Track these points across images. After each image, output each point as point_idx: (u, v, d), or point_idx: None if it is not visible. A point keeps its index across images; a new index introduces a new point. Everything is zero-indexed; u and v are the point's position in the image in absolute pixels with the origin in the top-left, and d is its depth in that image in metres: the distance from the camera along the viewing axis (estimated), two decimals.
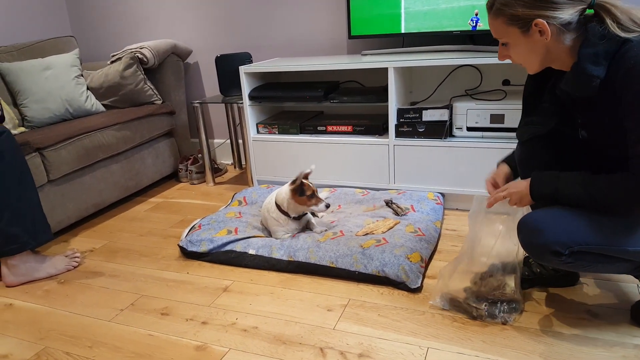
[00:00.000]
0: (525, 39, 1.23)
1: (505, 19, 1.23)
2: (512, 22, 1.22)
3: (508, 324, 1.44)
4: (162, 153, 2.95)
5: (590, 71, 1.16)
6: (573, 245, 1.22)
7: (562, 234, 1.24)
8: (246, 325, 1.56)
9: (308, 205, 1.94)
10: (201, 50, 3.16)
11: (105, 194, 2.54)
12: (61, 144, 2.28)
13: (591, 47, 1.16)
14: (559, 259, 1.24)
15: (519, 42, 1.25)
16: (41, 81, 2.62)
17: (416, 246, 1.80)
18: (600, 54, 1.15)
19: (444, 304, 1.55)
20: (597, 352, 1.31)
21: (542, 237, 1.25)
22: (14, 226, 1.86)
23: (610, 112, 1.20)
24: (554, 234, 1.24)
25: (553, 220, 1.26)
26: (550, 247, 1.23)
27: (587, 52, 1.17)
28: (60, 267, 2.00)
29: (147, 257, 2.08)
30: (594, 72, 1.16)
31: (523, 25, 1.21)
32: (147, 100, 2.89)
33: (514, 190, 1.37)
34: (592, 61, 1.16)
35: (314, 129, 2.53)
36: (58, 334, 1.59)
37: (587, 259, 1.25)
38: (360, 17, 2.49)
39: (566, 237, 1.23)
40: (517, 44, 1.26)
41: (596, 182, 1.22)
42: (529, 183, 1.32)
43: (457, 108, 2.19)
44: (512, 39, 1.25)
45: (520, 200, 1.35)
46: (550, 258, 1.25)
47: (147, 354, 1.45)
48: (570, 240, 1.22)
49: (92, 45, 3.47)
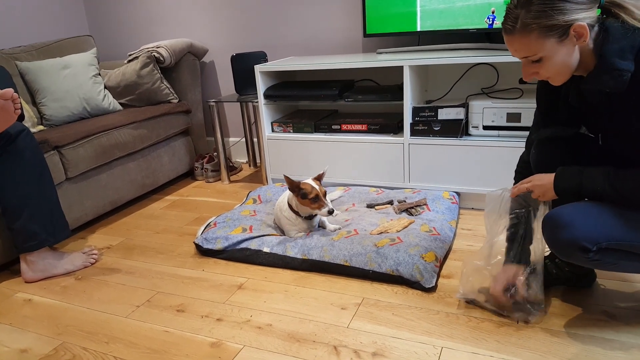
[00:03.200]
0: (562, 48, 1.16)
1: (539, 33, 1.15)
2: (548, 33, 1.14)
3: (529, 324, 1.43)
4: (178, 151, 2.98)
5: (619, 65, 1.14)
6: (602, 241, 1.18)
7: (591, 229, 1.20)
8: (260, 322, 1.57)
9: (312, 208, 1.93)
10: (217, 50, 3.18)
11: (122, 191, 2.57)
12: (79, 142, 2.31)
13: (615, 42, 1.14)
14: (585, 255, 1.20)
15: (556, 52, 1.17)
16: (59, 80, 2.66)
17: (431, 245, 1.79)
18: (625, 48, 1.13)
19: (467, 296, 1.54)
20: (613, 353, 1.30)
21: (569, 233, 1.21)
22: (33, 223, 1.89)
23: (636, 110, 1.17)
24: (581, 230, 1.20)
25: (580, 216, 1.23)
26: (577, 243, 1.19)
27: (612, 48, 1.14)
28: (77, 263, 2.03)
29: (163, 254, 2.10)
30: (624, 66, 1.13)
31: (561, 34, 1.14)
32: (163, 99, 2.92)
33: (538, 182, 1.34)
34: (619, 56, 1.13)
35: (328, 128, 2.53)
36: (75, 330, 1.61)
37: (615, 256, 1.22)
38: (375, 15, 2.48)
39: (594, 233, 1.19)
40: (554, 55, 1.18)
41: (622, 176, 1.19)
42: (553, 177, 1.30)
43: (473, 106, 2.17)
44: (549, 51, 1.17)
45: (544, 194, 1.33)
46: (576, 255, 1.21)
47: (162, 350, 1.47)
48: (599, 236, 1.19)
49: (110, 44, 3.50)
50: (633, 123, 1.20)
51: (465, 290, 1.55)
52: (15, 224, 1.88)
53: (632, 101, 1.18)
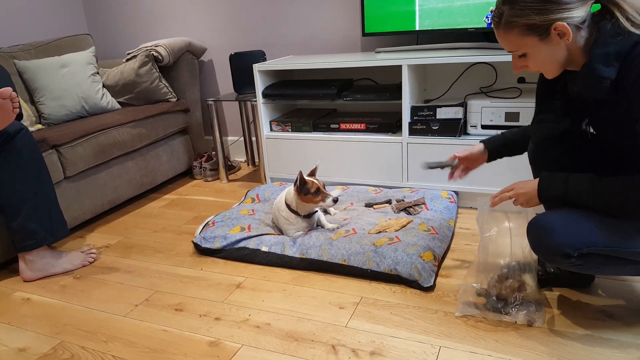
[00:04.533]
0: (545, 45, 1.18)
1: (520, 30, 1.18)
2: (529, 31, 1.17)
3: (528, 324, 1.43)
4: (176, 150, 2.98)
5: (600, 72, 1.14)
6: (582, 247, 1.21)
7: (571, 235, 1.22)
8: (259, 321, 1.57)
9: (315, 202, 1.94)
10: (216, 48, 3.18)
11: (120, 190, 2.57)
12: (77, 141, 2.31)
13: (602, 46, 1.14)
14: (568, 260, 1.23)
15: (539, 49, 1.20)
16: (58, 79, 2.66)
17: (429, 245, 1.79)
18: (611, 54, 1.13)
19: (467, 310, 1.53)
20: (611, 352, 1.30)
21: (551, 239, 1.24)
22: (31, 222, 1.89)
23: (620, 114, 1.18)
24: (563, 236, 1.23)
25: (562, 222, 1.25)
26: (559, 249, 1.22)
27: (598, 52, 1.14)
28: (76, 262, 2.03)
29: (162, 253, 2.10)
30: (604, 74, 1.14)
31: (542, 32, 1.16)
32: (162, 98, 2.91)
33: (521, 191, 1.35)
34: (603, 62, 1.14)
35: (327, 127, 2.53)
36: (74, 329, 1.61)
37: (597, 261, 1.24)
38: (374, 14, 2.48)
39: (575, 239, 1.22)
40: (537, 52, 1.21)
41: (605, 184, 1.20)
42: (536, 184, 1.31)
43: (471, 106, 2.17)
44: (531, 48, 1.20)
45: (528, 202, 1.34)
46: (559, 260, 1.24)
47: (161, 349, 1.47)
48: (579, 241, 1.21)
49: (108, 43, 3.50)
50: (616, 123, 1.22)
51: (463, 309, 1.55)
52: (14, 222, 1.88)
53: (614, 106, 1.19)
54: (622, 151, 1.26)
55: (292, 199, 1.98)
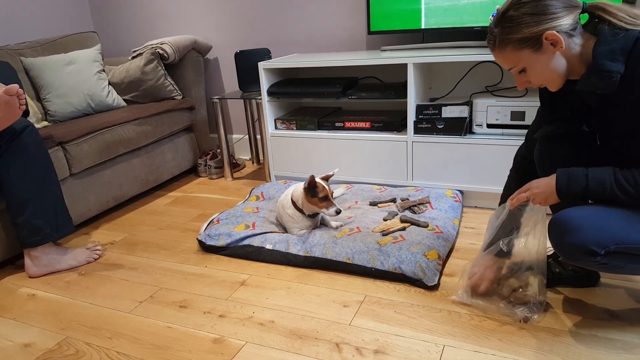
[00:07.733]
0: (540, 56, 1.21)
1: (514, 45, 1.21)
2: (521, 45, 1.20)
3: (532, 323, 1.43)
4: (181, 148, 2.98)
5: (609, 67, 1.15)
6: (609, 244, 1.17)
7: (598, 232, 1.19)
8: (263, 319, 1.57)
9: (319, 207, 1.94)
10: (221, 46, 3.18)
11: (125, 187, 2.58)
12: (83, 138, 2.31)
13: (606, 44, 1.16)
14: (593, 259, 1.19)
15: (535, 61, 1.22)
16: (64, 76, 2.67)
17: (434, 243, 1.79)
18: (616, 50, 1.15)
19: (465, 297, 1.54)
20: (616, 353, 1.29)
21: (576, 237, 1.20)
22: (37, 218, 1.90)
23: (628, 110, 1.17)
24: (589, 233, 1.19)
25: (588, 219, 1.21)
26: (585, 247, 1.18)
27: (603, 50, 1.16)
28: (81, 259, 2.03)
29: (167, 250, 2.11)
30: (613, 68, 1.15)
31: (534, 44, 1.19)
32: (167, 95, 2.92)
33: (537, 190, 1.32)
34: (609, 58, 1.15)
35: (331, 125, 2.53)
36: (79, 325, 1.62)
37: (623, 259, 1.21)
38: (379, 12, 2.48)
39: (602, 236, 1.18)
40: (534, 64, 1.23)
41: (628, 174, 1.18)
42: (554, 181, 1.27)
43: (477, 104, 2.16)
44: (527, 61, 1.23)
45: (546, 200, 1.31)
46: (584, 258, 1.21)
47: (165, 346, 1.47)
48: (607, 239, 1.18)
49: (114, 40, 3.51)
50: (626, 123, 1.21)
51: (463, 293, 1.55)
52: (19, 219, 1.89)
53: (622, 102, 1.19)
54: (628, 150, 1.25)
55: (299, 195, 1.98)
